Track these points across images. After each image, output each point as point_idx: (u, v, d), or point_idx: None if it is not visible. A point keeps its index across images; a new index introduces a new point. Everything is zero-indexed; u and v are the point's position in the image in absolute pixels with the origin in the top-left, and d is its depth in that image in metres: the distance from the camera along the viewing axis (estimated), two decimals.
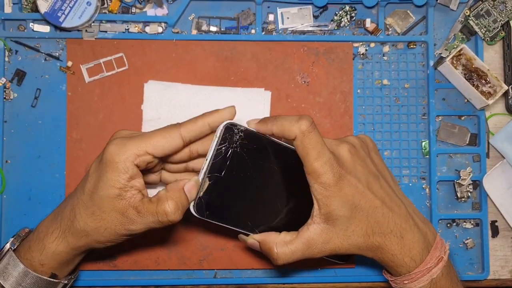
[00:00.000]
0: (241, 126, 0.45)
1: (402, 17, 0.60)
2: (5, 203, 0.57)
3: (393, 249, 0.46)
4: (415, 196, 0.59)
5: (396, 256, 0.46)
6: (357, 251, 0.47)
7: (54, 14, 0.55)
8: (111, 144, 0.44)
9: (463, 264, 0.59)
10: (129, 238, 0.46)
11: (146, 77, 0.58)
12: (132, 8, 0.58)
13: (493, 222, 0.60)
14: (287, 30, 0.59)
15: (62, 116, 0.58)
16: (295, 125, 0.43)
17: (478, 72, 0.57)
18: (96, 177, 0.44)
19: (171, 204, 0.43)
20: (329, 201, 0.44)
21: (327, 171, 0.43)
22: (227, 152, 0.44)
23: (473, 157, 0.60)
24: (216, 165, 0.44)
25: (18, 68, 0.58)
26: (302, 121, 0.43)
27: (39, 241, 0.46)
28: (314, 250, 0.46)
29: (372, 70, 0.60)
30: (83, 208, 0.44)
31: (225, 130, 0.44)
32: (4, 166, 0.57)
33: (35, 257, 0.46)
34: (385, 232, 0.46)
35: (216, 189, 0.44)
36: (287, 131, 0.44)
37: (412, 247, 0.46)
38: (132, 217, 0.43)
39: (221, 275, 0.58)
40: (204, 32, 0.59)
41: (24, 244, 0.48)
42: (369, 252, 0.47)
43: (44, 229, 0.47)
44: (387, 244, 0.46)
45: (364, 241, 0.46)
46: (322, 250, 0.46)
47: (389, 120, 0.60)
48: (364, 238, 0.46)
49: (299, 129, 0.43)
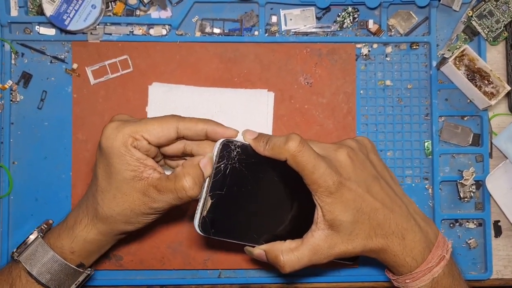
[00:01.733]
0: (238, 142, 0.46)
1: (405, 18, 0.60)
2: (12, 204, 0.58)
3: (395, 250, 0.46)
4: (418, 196, 0.59)
5: (398, 257, 0.47)
6: (361, 253, 0.47)
7: (60, 17, 0.56)
8: (107, 128, 0.44)
9: (466, 264, 0.59)
10: (158, 216, 0.47)
11: (151, 79, 0.59)
12: (136, 11, 0.59)
13: (496, 222, 0.60)
14: (290, 32, 0.60)
15: (68, 118, 0.58)
16: (283, 147, 0.44)
17: (481, 72, 0.57)
18: (104, 163, 0.45)
19: (189, 179, 0.43)
20: (332, 208, 0.45)
21: (326, 180, 0.44)
22: (226, 168, 0.45)
23: (476, 157, 0.60)
24: (217, 183, 0.44)
25: (24, 71, 0.58)
26: (289, 142, 0.44)
27: (69, 229, 0.47)
28: (320, 256, 0.46)
29: (375, 71, 0.60)
30: (103, 194, 0.45)
31: (222, 147, 0.45)
32: (11, 167, 0.58)
33: (65, 244, 0.47)
34: (387, 233, 0.46)
35: (219, 207, 0.45)
36: (278, 154, 0.44)
37: (413, 247, 0.46)
38: (153, 195, 0.44)
39: (226, 275, 0.59)
40: (208, 34, 0.59)
41: (53, 232, 0.49)
42: (372, 253, 0.47)
43: (72, 218, 0.48)
44: (389, 245, 0.46)
45: (367, 243, 0.46)
46: (328, 256, 0.46)
47: (392, 120, 0.60)
48: (367, 240, 0.46)
49: (288, 152, 0.44)
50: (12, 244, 0.57)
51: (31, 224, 0.58)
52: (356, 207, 0.45)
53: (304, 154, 0.44)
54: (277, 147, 0.44)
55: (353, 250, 0.46)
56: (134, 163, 0.44)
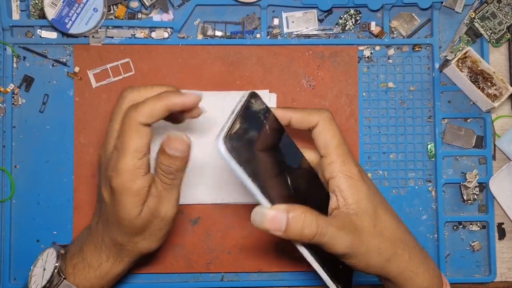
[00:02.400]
0: (264, 102, 0.42)
1: (407, 20, 0.60)
2: (14, 208, 0.58)
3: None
4: (421, 198, 0.59)
5: None
6: (380, 269, 0.42)
7: (61, 20, 0.56)
8: (116, 178, 0.42)
9: (470, 267, 0.59)
10: None
11: (152, 82, 0.58)
12: (138, 14, 0.59)
13: (499, 225, 0.60)
14: (292, 34, 0.59)
15: (70, 121, 0.58)
16: (316, 113, 0.42)
17: (484, 74, 0.57)
18: (116, 203, 0.43)
19: None
20: (355, 190, 0.41)
21: (349, 158, 0.41)
22: (254, 113, 0.40)
23: (479, 159, 0.60)
24: (246, 115, 0.39)
25: (26, 74, 0.58)
26: (323, 110, 0.42)
27: (94, 269, 0.46)
28: (346, 232, 0.39)
29: (378, 73, 0.60)
30: (127, 236, 0.45)
31: (249, 96, 0.40)
32: (13, 171, 0.58)
33: (95, 283, 0.46)
34: (410, 248, 0.42)
35: (242, 138, 0.38)
36: (307, 119, 0.42)
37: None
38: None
39: (228, 278, 0.59)
40: (210, 37, 0.59)
41: (77, 274, 0.47)
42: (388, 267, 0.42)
43: (95, 258, 0.47)
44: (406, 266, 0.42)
45: (391, 247, 0.42)
46: (351, 238, 0.39)
47: (395, 123, 0.60)
48: (392, 243, 0.42)
49: (320, 117, 0.42)
50: (13, 246, 0.57)
51: (33, 228, 0.58)
52: (375, 201, 0.42)
53: (333, 127, 0.42)
54: (308, 112, 0.42)
55: (380, 246, 0.41)
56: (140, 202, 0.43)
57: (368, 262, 0.41)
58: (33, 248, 0.57)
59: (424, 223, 0.59)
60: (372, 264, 0.41)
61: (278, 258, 0.58)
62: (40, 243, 0.58)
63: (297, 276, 0.59)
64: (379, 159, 0.59)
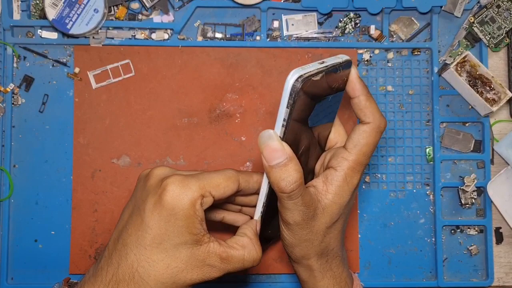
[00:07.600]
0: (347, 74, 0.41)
1: (407, 24, 0.60)
2: (12, 208, 0.58)
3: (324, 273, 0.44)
4: (419, 202, 0.59)
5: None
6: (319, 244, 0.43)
7: (62, 21, 0.56)
8: (172, 184, 0.38)
9: (467, 271, 0.59)
10: None
11: (152, 83, 0.59)
12: (138, 15, 0.59)
13: (497, 229, 0.60)
14: (292, 37, 0.60)
15: (69, 122, 0.58)
16: (374, 115, 0.41)
17: (483, 78, 0.57)
18: (161, 224, 0.38)
19: (259, 250, 0.42)
20: (340, 194, 0.41)
21: (361, 170, 0.41)
22: (336, 77, 0.40)
23: (478, 163, 0.60)
24: (329, 74, 0.39)
25: (26, 74, 0.58)
26: (382, 118, 0.42)
27: None
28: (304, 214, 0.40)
29: (377, 76, 0.60)
30: (152, 264, 0.38)
31: (345, 61, 0.40)
32: (11, 170, 0.58)
33: None
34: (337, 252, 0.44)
35: (311, 89, 0.39)
36: (364, 112, 0.41)
37: None
38: (215, 263, 0.39)
39: (225, 280, 0.59)
40: (210, 38, 0.59)
41: None
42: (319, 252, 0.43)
43: None
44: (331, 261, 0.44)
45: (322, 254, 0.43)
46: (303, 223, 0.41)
47: (393, 126, 0.60)
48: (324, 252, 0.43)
49: (373, 120, 0.41)
50: (11, 245, 0.57)
51: (31, 227, 0.58)
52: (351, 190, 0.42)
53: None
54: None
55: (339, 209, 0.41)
56: (198, 227, 0.38)
57: (295, 246, 0.42)
58: (31, 247, 0.58)
59: (421, 226, 0.59)
60: (295, 251, 0.42)
61: (276, 260, 0.58)
62: (38, 243, 0.58)
63: (294, 278, 0.59)
64: (377, 162, 0.60)
